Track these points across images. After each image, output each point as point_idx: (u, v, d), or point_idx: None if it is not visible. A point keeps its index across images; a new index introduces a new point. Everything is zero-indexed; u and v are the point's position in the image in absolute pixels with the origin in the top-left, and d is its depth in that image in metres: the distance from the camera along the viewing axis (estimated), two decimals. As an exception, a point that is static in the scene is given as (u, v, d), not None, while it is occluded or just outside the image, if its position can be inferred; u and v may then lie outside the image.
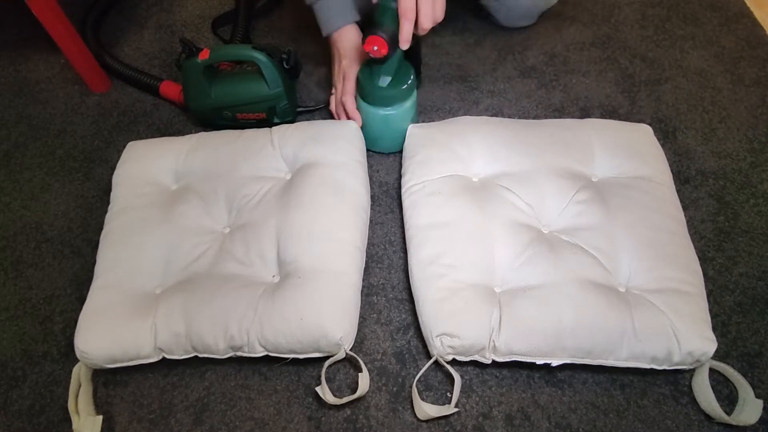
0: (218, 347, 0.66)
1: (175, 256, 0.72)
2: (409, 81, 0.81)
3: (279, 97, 0.88)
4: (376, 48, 0.73)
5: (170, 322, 0.66)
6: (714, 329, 0.66)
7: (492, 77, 1.00)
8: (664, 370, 0.66)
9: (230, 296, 0.67)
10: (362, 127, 0.85)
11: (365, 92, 0.82)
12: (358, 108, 0.85)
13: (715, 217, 0.82)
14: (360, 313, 0.71)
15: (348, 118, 0.86)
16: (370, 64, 0.81)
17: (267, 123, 0.90)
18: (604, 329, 0.63)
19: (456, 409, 0.66)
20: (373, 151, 0.90)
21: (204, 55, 0.83)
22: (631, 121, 0.86)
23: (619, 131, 0.82)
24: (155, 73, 1.03)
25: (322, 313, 0.65)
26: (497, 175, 0.78)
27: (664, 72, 1.00)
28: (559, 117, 0.94)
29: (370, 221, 0.80)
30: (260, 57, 0.83)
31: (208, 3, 1.15)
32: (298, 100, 0.97)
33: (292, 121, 0.92)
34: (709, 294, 0.71)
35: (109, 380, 0.71)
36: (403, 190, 0.79)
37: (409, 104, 0.83)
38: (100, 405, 0.69)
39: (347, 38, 0.87)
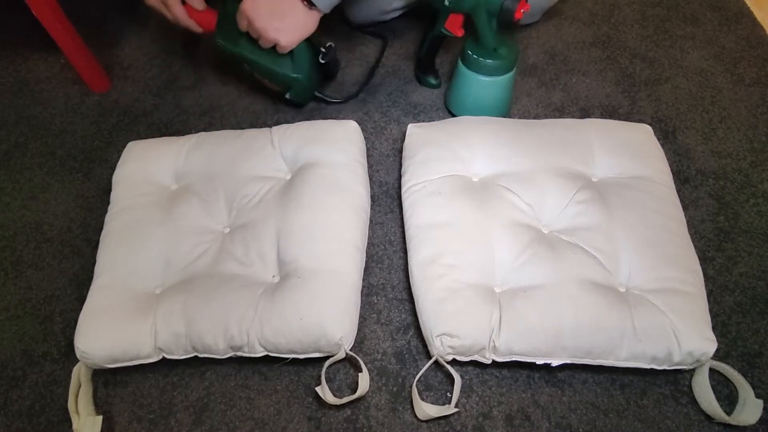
0: (218, 347, 0.66)
1: (175, 256, 0.72)
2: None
3: (296, 83, 0.88)
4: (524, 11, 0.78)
5: (170, 322, 0.66)
6: (714, 329, 0.65)
7: (492, 77, 1.00)
8: (664, 370, 0.66)
9: (230, 296, 0.67)
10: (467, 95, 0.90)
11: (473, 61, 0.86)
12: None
13: (715, 217, 0.82)
14: (360, 313, 0.71)
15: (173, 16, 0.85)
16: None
17: (279, 95, 0.92)
18: (604, 329, 0.63)
19: (456, 409, 0.66)
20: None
21: None
22: (631, 121, 0.86)
23: (619, 131, 0.82)
24: (155, 72, 1.03)
25: (322, 313, 0.65)
26: (497, 174, 0.78)
27: (664, 72, 1.00)
28: (559, 117, 0.94)
29: (370, 221, 0.80)
30: None
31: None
32: (324, 92, 0.96)
33: (302, 106, 0.95)
34: (709, 294, 0.71)
35: (109, 380, 0.71)
36: (403, 190, 0.79)
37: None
38: (100, 405, 0.69)
39: None
